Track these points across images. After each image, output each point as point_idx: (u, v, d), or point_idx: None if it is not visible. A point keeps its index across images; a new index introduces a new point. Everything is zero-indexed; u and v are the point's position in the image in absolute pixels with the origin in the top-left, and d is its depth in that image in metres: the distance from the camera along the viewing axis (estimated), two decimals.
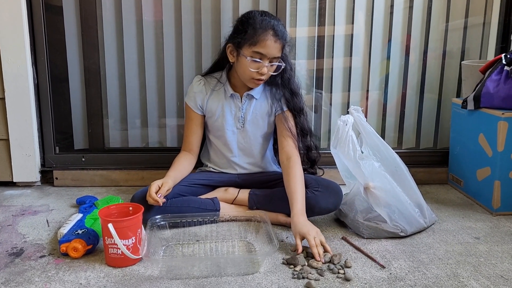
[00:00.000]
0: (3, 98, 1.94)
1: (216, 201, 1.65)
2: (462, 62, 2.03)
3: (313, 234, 1.40)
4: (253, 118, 1.72)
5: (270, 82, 1.70)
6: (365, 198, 1.55)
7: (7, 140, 1.98)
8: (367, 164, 1.57)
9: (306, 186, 1.59)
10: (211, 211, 1.61)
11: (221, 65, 1.75)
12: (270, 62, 1.58)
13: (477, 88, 1.82)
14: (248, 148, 1.76)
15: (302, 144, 1.71)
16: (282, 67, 1.62)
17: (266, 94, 1.74)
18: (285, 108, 1.71)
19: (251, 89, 1.70)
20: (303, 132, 1.71)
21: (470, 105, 1.84)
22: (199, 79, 1.75)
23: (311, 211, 1.58)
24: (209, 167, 1.80)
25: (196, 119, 1.74)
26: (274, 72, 1.62)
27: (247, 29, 1.56)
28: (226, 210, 1.65)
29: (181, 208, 1.59)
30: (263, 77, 1.60)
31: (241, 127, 1.73)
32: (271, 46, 1.55)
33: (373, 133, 1.62)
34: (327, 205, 1.59)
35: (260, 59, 1.56)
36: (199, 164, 1.85)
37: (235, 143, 1.74)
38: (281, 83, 1.69)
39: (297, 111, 1.70)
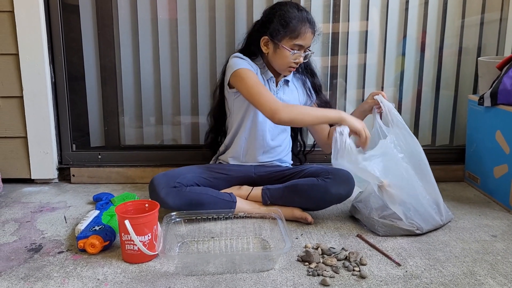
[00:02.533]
0: (22, 97, 1.97)
1: (233, 194, 1.66)
2: (479, 58, 2.01)
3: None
4: (286, 102, 1.76)
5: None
6: (380, 197, 1.54)
7: (25, 138, 2.02)
8: (376, 162, 1.53)
9: (317, 175, 1.62)
10: (228, 201, 1.63)
11: (250, 52, 1.74)
12: (304, 51, 1.69)
13: (494, 85, 1.80)
14: (276, 132, 1.79)
15: (320, 100, 1.86)
16: (311, 54, 1.73)
17: (294, 78, 1.83)
18: (314, 98, 1.85)
19: (283, 75, 1.78)
20: (320, 90, 1.87)
21: (487, 102, 1.82)
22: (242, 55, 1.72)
23: (323, 198, 1.60)
24: (228, 158, 1.80)
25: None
26: (305, 59, 1.72)
27: (287, 23, 1.64)
28: (241, 204, 1.65)
29: (200, 194, 1.61)
30: (297, 65, 1.71)
31: None
32: (309, 38, 1.67)
33: (401, 123, 1.59)
34: (338, 191, 1.58)
35: (299, 50, 1.66)
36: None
37: (267, 125, 1.75)
38: (303, 67, 1.82)
39: (319, 89, 1.86)
